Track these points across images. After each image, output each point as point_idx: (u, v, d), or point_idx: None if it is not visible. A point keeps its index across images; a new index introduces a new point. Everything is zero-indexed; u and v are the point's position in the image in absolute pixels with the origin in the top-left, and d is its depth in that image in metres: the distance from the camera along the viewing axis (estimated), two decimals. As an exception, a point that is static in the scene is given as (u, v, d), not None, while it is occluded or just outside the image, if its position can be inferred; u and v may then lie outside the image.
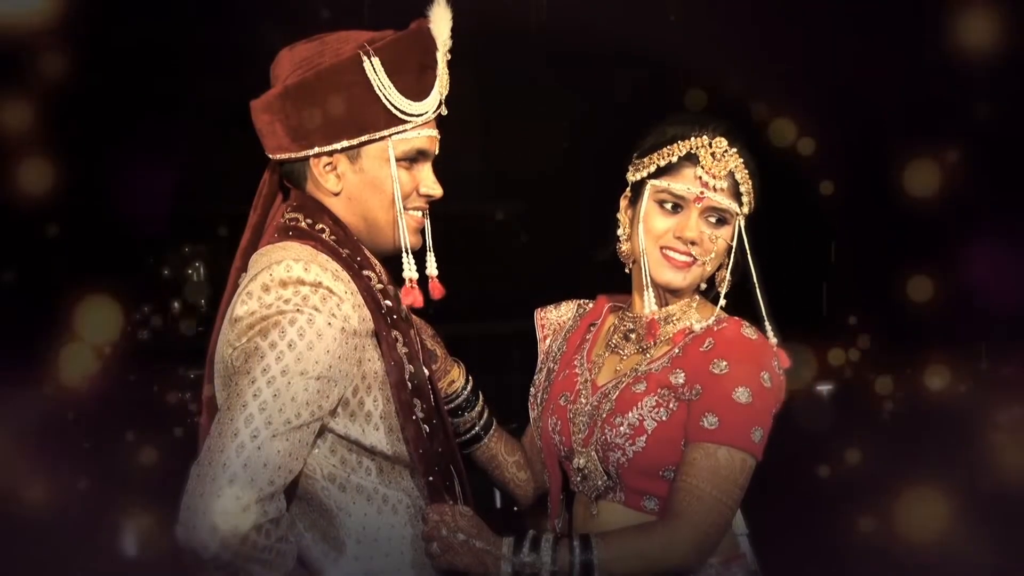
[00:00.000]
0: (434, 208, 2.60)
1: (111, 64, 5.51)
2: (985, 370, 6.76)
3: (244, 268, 2.49)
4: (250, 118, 2.54)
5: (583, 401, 2.79)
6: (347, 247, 2.47)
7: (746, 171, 2.73)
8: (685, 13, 6.09)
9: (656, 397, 2.66)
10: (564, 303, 3.06)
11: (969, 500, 5.70)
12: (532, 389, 2.96)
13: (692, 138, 2.71)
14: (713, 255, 2.73)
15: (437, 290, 2.55)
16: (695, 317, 2.78)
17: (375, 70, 2.42)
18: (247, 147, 2.68)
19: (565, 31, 5.98)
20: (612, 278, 2.91)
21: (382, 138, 2.46)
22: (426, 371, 2.55)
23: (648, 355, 2.77)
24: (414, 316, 2.66)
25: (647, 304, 2.74)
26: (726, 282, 2.78)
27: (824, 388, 7.45)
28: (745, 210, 2.75)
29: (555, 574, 2.45)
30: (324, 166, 2.48)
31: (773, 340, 2.71)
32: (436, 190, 2.55)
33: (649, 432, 2.64)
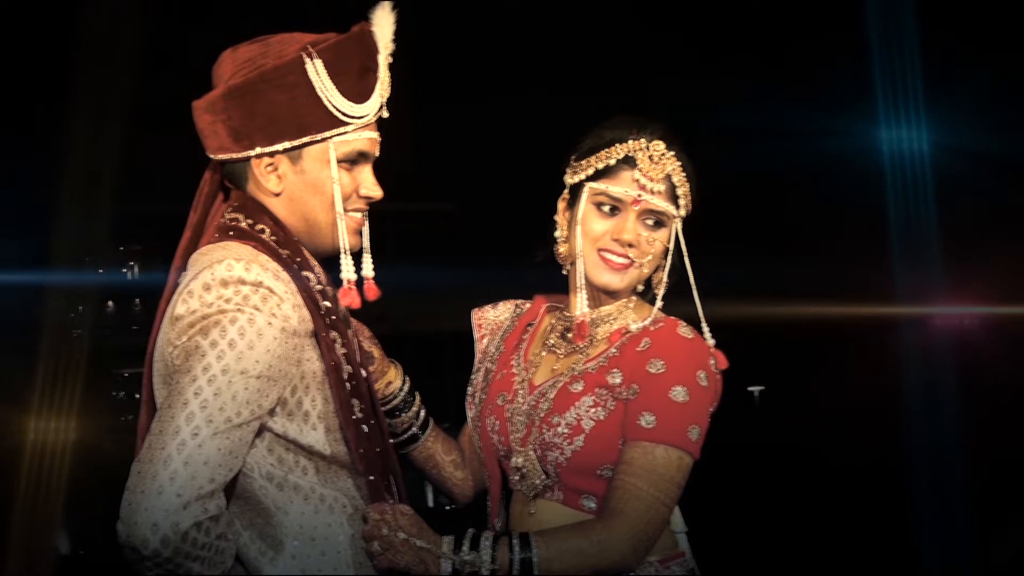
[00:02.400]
0: (371, 208, 2.61)
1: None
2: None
3: (183, 267, 2.48)
4: (189, 118, 2.54)
5: (520, 401, 2.80)
6: (287, 248, 2.47)
7: (683, 174, 2.75)
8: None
9: (593, 397, 2.68)
10: (501, 303, 3.07)
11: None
12: (470, 389, 2.97)
13: (630, 141, 2.73)
14: (650, 257, 2.76)
15: (372, 291, 2.55)
16: (632, 317, 2.80)
17: (317, 72, 2.43)
18: (186, 147, 2.68)
19: (509, 30, 6.00)
20: (549, 279, 2.92)
21: (323, 139, 2.46)
22: (364, 372, 2.55)
23: (585, 355, 2.78)
24: (351, 318, 2.67)
25: (579, 306, 2.76)
26: (663, 284, 2.81)
27: (757, 388, 7.53)
28: (682, 212, 2.78)
29: (495, 572, 2.46)
30: (265, 167, 2.48)
31: (711, 341, 2.74)
32: (376, 192, 2.56)
33: (587, 431, 2.66)
